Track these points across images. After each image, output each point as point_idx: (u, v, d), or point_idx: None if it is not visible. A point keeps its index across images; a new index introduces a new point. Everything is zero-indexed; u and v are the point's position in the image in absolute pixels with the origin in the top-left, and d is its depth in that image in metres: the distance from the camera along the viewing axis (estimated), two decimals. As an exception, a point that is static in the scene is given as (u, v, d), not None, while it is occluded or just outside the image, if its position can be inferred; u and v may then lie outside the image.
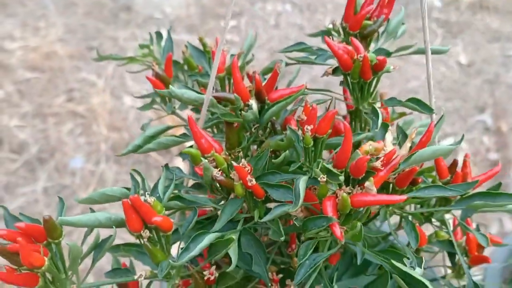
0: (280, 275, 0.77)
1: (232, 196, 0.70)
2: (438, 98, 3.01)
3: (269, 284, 0.70)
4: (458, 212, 0.81)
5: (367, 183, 0.62)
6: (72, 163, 2.64)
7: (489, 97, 3.05)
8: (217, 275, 0.70)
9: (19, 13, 3.18)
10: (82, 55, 3.01)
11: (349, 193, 0.63)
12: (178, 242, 0.69)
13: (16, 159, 2.58)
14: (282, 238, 0.64)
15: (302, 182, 0.62)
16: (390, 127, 0.73)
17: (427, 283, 0.56)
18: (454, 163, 0.76)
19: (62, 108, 2.84)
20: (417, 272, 0.60)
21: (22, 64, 2.97)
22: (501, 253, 1.20)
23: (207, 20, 3.38)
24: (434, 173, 0.81)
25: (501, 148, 2.83)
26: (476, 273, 1.29)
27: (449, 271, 0.90)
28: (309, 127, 0.65)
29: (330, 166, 0.63)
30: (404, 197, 0.61)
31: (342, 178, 0.62)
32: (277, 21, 3.35)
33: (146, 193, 0.63)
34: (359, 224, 0.59)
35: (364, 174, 0.63)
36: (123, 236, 1.51)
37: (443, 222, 0.79)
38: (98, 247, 0.62)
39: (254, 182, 0.65)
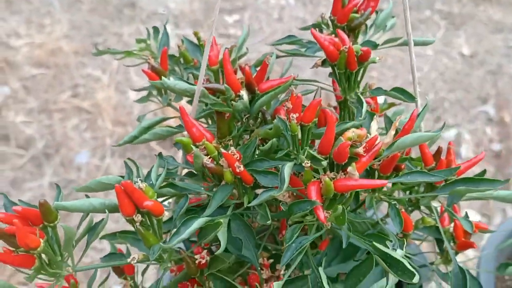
0: (271, 260, 0.80)
1: (223, 183, 0.72)
2: (441, 89, 3.02)
3: (259, 268, 0.73)
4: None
5: (349, 168, 0.64)
6: (77, 158, 2.68)
7: (491, 87, 3.06)
8: (208, 259, 0.73)
9: (24, 10, 3.22)
10: (87, 51, 3.04)
11: (333, 179, 0.66)
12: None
13: (22, 154, 2.62)
14: (269, 222, 0.67)
15: (287, 168, 0.65)
16: (376, 116, 0.75)
17: (405, 263, 0.59)
18: (439, 151, 0.79)
19: (68, 104, 2.88)
20: (398, 254, 0.63)
21: (27, 61, 3.01)
22: (497, 239, 1.22)
23: (210, 15, 3.40)
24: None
25: (504, 139, 2.84)
26: (471, 259, 1.31)
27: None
28: (294, 115, 0.68)
29: (315, 153, 0.66)
30: (385, 181, 0.64)
31: (324, 163, 0.64)
32: (280, 14, 3.37)
33: (139, 179, 0.66)
34: (340, 206, 0.61)
35: (347, 160, 0.66)
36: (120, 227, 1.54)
37: (430, 209, 0.82)
38: (92, 230, 0.65)
39: (242, 168, 0.68)
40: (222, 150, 0.68)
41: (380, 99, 0.96)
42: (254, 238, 0.73)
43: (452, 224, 0.88)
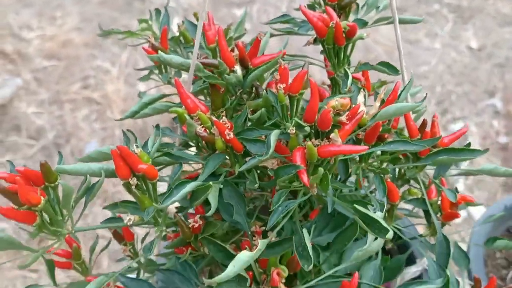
0: (263, 228, 0.83)
1: (216, 152, 0.76)
2: (448, 82, 3.04)
3: (250, 233, 0.77)
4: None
5: (332, 135, 0.68)
6: (87, 147, 2.73)
7: (499, 81, 3.07)
8: (201, 223, 0.77)
9: (36, 3, 3.28)
10: (97, 43, 3.09)
11: (317, 145, 0.69)
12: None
13: (33, 144, 2.68)
14: (256, 185, 0.71)
15: (273, 135, 0.68)
16: (363, 90, 0.79)
17: (382, 222, 0.62)
18: (424, 123, 0.82)
19: (78, 95, 2.93)
20: (377, 215, 0.66)
21: (39, 53, 3.07)
22: (490, 215, 1.25)
23: (219, 7, 3.44)
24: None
25: (510, 132, 2.85)
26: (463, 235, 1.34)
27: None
28: (281, 85, 0.71)
29: (300, 121, 0.70)
30: (365, 147, 0.67)
31: (308, 129, 0.68)
32: (289, 8, 3.40)
33: (135, 145, 0.70)
34: (320, 169, 0.65)
35: (330, 128, 0.69)
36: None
37: (416, 180, 0.85)
38: (89, 190, 0.70)
39: (232, 135, 0.72)
40: (214, 118, 0.72)
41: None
42: (245, 204, 0.76)
43: (440, 197, 0.91)
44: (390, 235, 0.62)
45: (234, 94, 0.83)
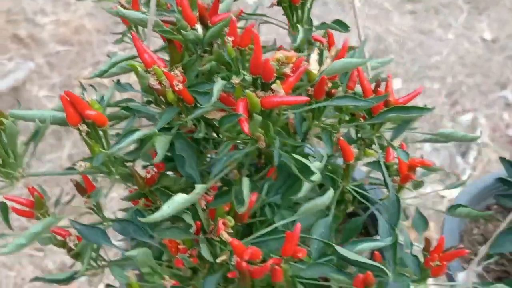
0: (219, 184, 0.85)
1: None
2: (460, 73, 3.01)
3: (200, 183, 0.79)
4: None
5: (274, 85, 0.70)
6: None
7: (511, 73, 3.03)
8: (153, 173, 0.80)
9: (51, -12, 3.35)
10: (109, 29, 3.15)
11: (261, 97, 0.71)
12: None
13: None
14: (201, 135, 0.73)
15: (217, 85, 0.71)
16: (317, 48, 0.80)
17: (312, 167, 0.64)
18: (378, 83, 0.83)
19: (89, 80, 2.99)
20: (314, 164, 0.68)
21: (52, 38, 3.14)
22: (470, 192, 1.25)
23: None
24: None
25: (521, 125, 2.82)
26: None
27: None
28: (229, 38, 0.73)
29: (245, 72, 0.72)
30: (306, 98, 0.69)
31: (249, 78, 0.70)
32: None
33: (85, 92, 0.73)
34: (257, 116, 0.66)
35: (274, 79, 0.71)
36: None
37: (372, 141, 0.86)
38: (37, 134, 0.73)
39: (180, 86, 0.74)
40: (164, 70, 0.74)
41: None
42: (196, 156, 0.79)
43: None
44: (316, 177, 0.64)
45: (194, 52, 0.85)
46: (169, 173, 0.89)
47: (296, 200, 0.81)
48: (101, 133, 0.74)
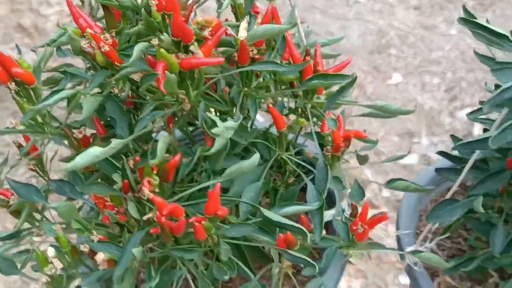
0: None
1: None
2: (460, 68, 3.00)
3: (131, 145, 0.82)
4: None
5: (191, 47, 0.72)
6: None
7: (513, 69, 3.00)
8: (86, 134, 0.83)
9: (56, -20, 3.41)
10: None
11: (182, 59, 0.74)
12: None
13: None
14: (125, 94, 0.76)
15: (138, 45, 0.73)
16: (246, 18, 0.83)
17: (217, 121, 0.67)
18: (307, 53, 0.85)
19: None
20: (228, 122, 0.71)
21: (56, 29, 3.20)
22: (427, 175, 1.26)
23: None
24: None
25: (520, 120, 2.79)
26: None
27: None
28: (154, 2, 0.76)
29: (166, 36, 0.74)
30: (221, 59, 0.71)
31: (166, 39, 0.73)
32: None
33: (17, 54, 0.77)
34: (170, 73, 0.69)
35: (193, 41, 0.74)
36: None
37: (305, 110, 0.88)
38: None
39: (107, 48, 0.77)
40: (92, 32, 0.77)
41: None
42: (127, 118, 0.82)
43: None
44: (219, 131, 0.67)
45: (133, 20, 0.88)
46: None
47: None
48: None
